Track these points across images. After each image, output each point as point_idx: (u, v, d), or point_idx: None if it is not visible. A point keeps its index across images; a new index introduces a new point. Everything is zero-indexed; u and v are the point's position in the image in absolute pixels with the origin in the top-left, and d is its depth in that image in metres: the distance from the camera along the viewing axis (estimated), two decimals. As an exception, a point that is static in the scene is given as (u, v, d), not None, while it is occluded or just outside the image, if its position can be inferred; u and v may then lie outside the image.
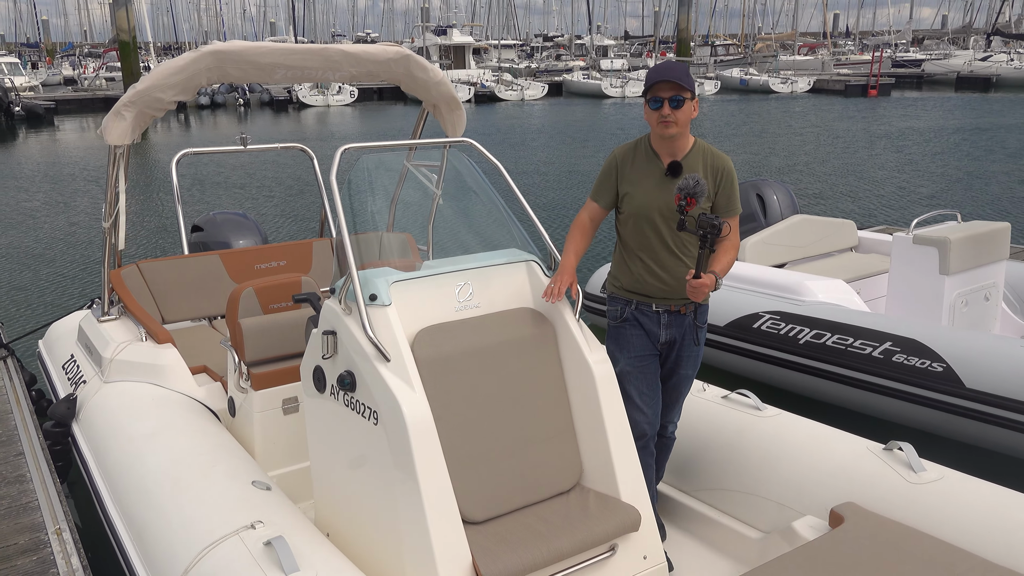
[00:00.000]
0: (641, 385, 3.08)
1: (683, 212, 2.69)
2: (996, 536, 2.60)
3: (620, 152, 3.08)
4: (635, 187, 2.99)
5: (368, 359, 2.52)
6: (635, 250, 3.03)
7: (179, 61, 3.57)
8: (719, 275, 2.82)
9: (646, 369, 3.07)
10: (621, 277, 3.11)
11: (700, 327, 3.10)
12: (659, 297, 3.03)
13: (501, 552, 2.46)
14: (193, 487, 2.83)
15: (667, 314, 3.04)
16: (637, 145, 3.06)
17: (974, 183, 14.27)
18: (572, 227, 3.14)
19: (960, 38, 63.82)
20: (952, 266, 4.98)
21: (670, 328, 3.05)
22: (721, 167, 2.99)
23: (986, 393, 4.10)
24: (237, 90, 36.92)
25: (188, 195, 14.05)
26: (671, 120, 2.88)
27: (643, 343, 3.07)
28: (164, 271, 4.51)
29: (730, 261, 2.92)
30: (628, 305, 3.08)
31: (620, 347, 3.10)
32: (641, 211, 2.97)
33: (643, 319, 3.06)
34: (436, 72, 4.21)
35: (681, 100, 2.87)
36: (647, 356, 3.07)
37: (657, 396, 3.11)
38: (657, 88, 2.88)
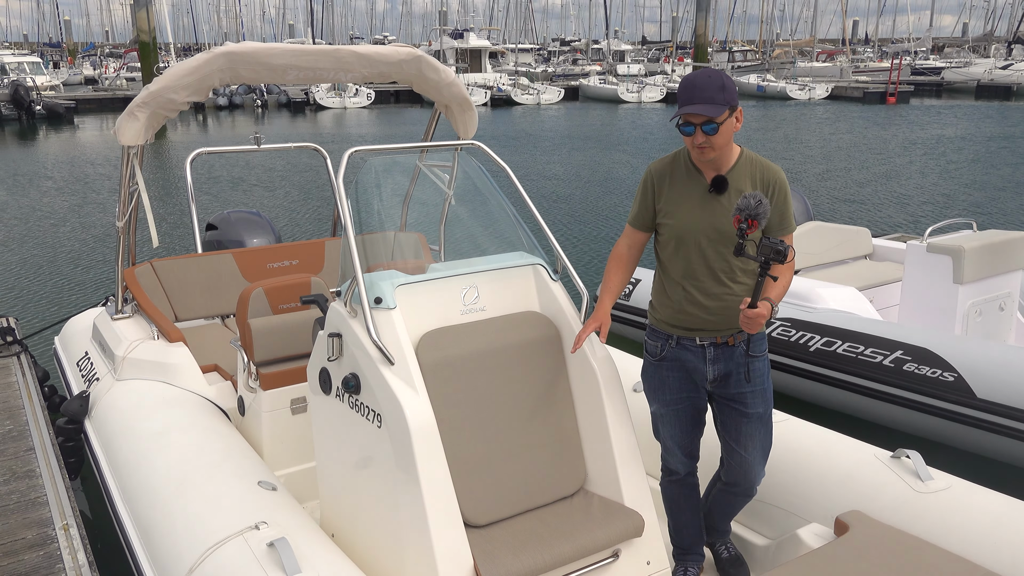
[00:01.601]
0: (674, 429, 2.86)
1: (743, 236, 2.40)
2: (1003, 547, 2.57)
3: (656, 168, 2.76)
4: (675, 207, 2.68)
5: (372, 362, 2.53)
6: (676, 277, 2.72)
7: (192, 62, 3.60)
8: (775, 302, 2.54)
9: (681, 413, 2.82)
10: (660, 308, 2.80)
11: (755, 357, 2.74)
12: (704, 329, 2.71)
13: (503, 556, 2.46)
14: (199, 486, 2.84)
15: (713, 347, 2.72)
16: (675, 159, 2.73)
17: (992, 192, 14.14)
18: (609, 260, 2.86)
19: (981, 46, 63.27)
20: (966, 275, 4.93)
21: (718, 363, 2.73)
22: (772, 180, 2.66)
23: (997, 403, 4.06)
24: (255, 91, 37.17)
25: (204, 194, 14.15)
26: (707, 146, 2.56)
27: (680, 385, 2.80)
28: (177, 269, 4.54)
29: (786, 285, 2.63)
30: (668, 340, 2.78)
31: (652, 390, 2.86)
32: (683, 234, 2.66)
33: (685, 356, 2.76)
34: (448, 73, 4.23)
35: (715, 127, 2.53)
36: (684, 399, 2.81)
37: (693, 436, 2.87)
38: (688, 115, 2.55)
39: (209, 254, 4.65)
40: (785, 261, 2.35)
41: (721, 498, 2.96)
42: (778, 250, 2.34)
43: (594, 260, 9.61)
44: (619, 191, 14.42)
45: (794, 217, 2.72)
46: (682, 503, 2.99)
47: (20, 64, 37.01)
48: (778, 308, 2.55)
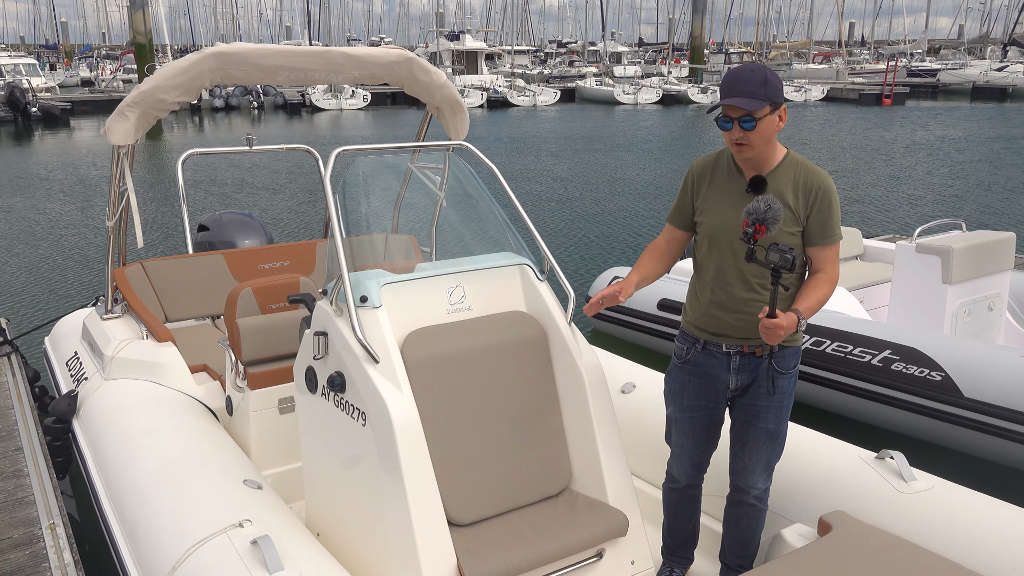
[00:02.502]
0: (685, 437, 2.81)
1: (750, 240, 2.32)
2: (984, 548, 2.58)
3: (698, 165, 2.70)
4: (712, 205, 2.61)
5: (357, 360, 2.54)
6: (708, 279, 2.64)
7: (182, 62, 3.61)
8: (803, 314, 2.41)
9: (696, 421, 2.77)
10: (691, 310, 2.73)
11: (782, 373, 2.63)
12: (730, 336, 2.63)
13: (486, 555, 2.46)
14: (185, 485, 2.84)
15: (739, 356, 2.64)
16: (719, 158, 2.66)
17: (984, 193, 14.18)
18: (645, 251, 2.80)
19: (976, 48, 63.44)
20: (955, 275, 4.95)
21: (741, 373, 2.66)
22: (817, 185, 2.52)
23: (984, 403, 4.07)
24: (251, 93, 37.17)
25: (197, 195, 14.15)
26: (745, 143, 2.47)
27: (701, 392, 2.73)
28: (168, 270, 4.55)
29: (821, 298, 2.49)
30: (695, 344, 2.71)
31: (672, 393, 2.81)
32: (716, 234, 2.59)
33: (709, 362, 2.69)
34: (439, 75, 4.24)
35: (753, 121, 2.43)
36: (702, 407, 2.75)
37: (704, 449, 2.82)
38: (726, 107, 2.46)
39: (200, 255, 4.65)
40: (793, 270, 2.25)
41: (727, 512, 2.93)
42: (786, 258, 2.25)
43: (582, 261, 9.63)
44: (612, 192, 14.44)
45: (840, 227, 2.61)
46: (678, 509, 2.98)
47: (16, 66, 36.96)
48: (805, 322, 2.43)
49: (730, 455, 2.85)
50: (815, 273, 2.58)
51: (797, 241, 2.57)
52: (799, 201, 2.55)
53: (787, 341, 2.64)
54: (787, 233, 2.54)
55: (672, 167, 17.73)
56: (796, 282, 2.62)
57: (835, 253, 2.58)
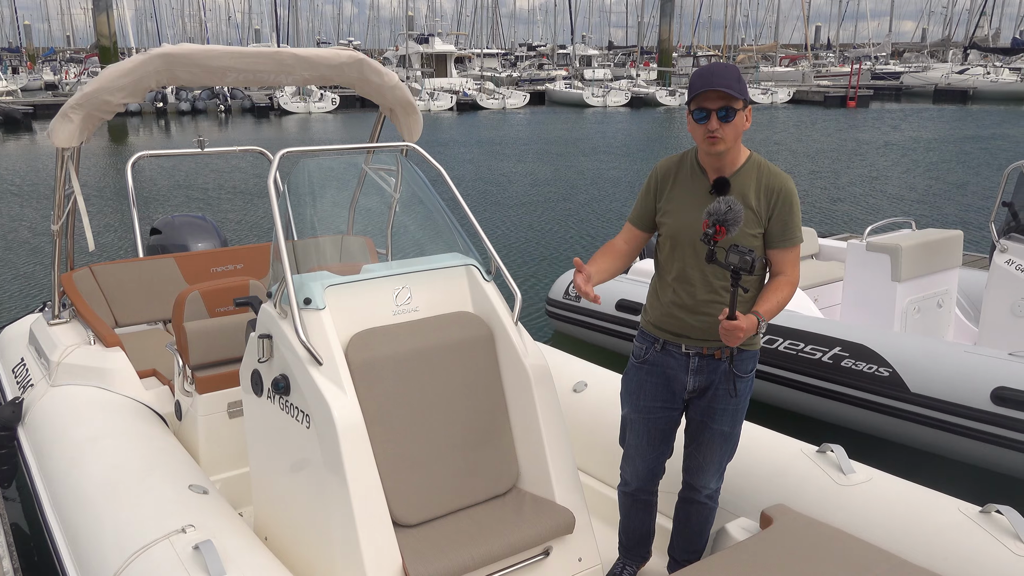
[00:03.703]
0: (639, 438, 2.79)
1: (710, 242, 2.32)
2: (917, 536, 2.64)
3: (662, 166, 2.69)
4: (675, 206, 2.60)
5: (301, 363, 2.53)
6: (670, 280, 2.64)
7: (127, 64, 3.56)
8: (763, 316, 2.41)
9: (651, 423, 2.75)
10: (651, 310, 2.73)
11: (740, 376, 2.64)
12: (689, 336, 2.63)
13: (432, 555, 2.46)
14: (129, 491, 2.81)
15: (698, 357, 2.63)
16: (683, 159, 2.66)
17: (940, 193, 14.46)
18: (600, 248, 2.77)
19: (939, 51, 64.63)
20: (904, 273, 5.04)
21: (700, 374, 2.65)
22: (779, 187, 2.52)
23: (929, 397, 4.16)
24: (218, 96, 36.84)
25: (151, 198, 14.00)
26: (718, 136, 2.46)
27: (658, 392, 2.72)
28: (118, 274, 4.49)
29: (781, 301, 2.49)
30: (654, 344, 2.70)
31: (629, 393, 2.79)
32: (679, 235, 2.58)
33: (667, 362, 2.68)
34: (391, 76, 4.23)
35: (731, 112, 2.44)
36: (658, 408, 2.73)
37: (659, 452, 2.81)
38: (703, 98, 2.44)
39: (151, 258, 4.60)
40: (753, 273, 2.25)
41: (678, 508, 2.95)
42: (745, 259, 2.24)
43: (550, 261, 9.66)
44: (579, 193, 14.51)
45: (801, 229, 2.59)
46: (631, 512, 2.98)
47: (-24, 69, 36.30)
48: (765, 325, 2.43)
49: (684, 454, 2.86)
50: (775, 275, 2.58)
51: (758, 243, 2.57)
52: (761, 203, 2.54)
53: (746, 344, 2.63)
54: (748, 235, 2.54)
55: (639, 169, 17.85)
56: (756, 284, 2.62)
57: (796, 256, 2.58)
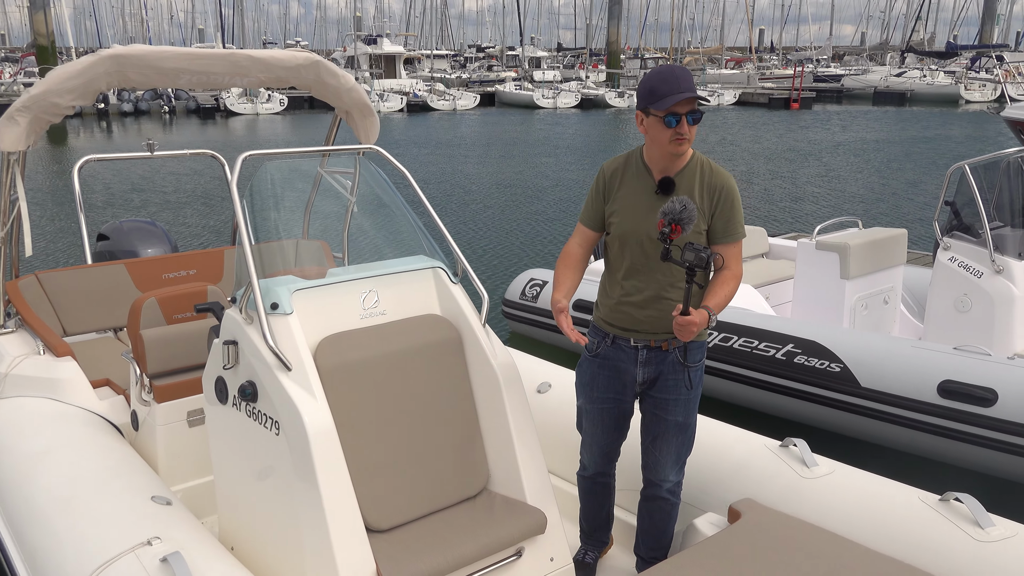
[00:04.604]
0: (594, 427, 2.91)
1: (666, 240, 2.40)
2: (880, 525, 2.73)
3: (608, 167, 2.78)
4: (623, 206, 2.69)
5: (269, 368, 2.50)
6: (619, 277, 2.73)
7: (76, 65, 3.48)
8: (713, 310, 2.51)
9: (605, 413, 2.86)
10: (601, 306, 2.82)
11: (689, 367, 2.72)
12: (638, 331, 2.72)
13: (405, 559, 2.45)
14: (87, 504, 2.74)
15: (646, 350, 2.73)
16: (628, 159, 2.75)
17: (884, 192, 14.91)
18: (559, 259, 2.82)
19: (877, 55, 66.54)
20: (852, 271, 5.19)
21: (648, 366, 2.74)
22: (720, 185, 2.63)
23: (879, 391, 4.29)
24: (162, 97, 36.05)
25: (98, 204, 13.65)
26: (687, 138, 2.56)
27: (610, 384, 2.82)
28: (65, 281, 4.37)
29: (728, 294, 2.59)
30: (605, 339, 2.80)
31: (583, 385, 2.90)
32: (627, 233, 2.67)
33: (618, 356, 2.78)
34: (347, 79, 4.20)
35: (699, 115, 2.57)
36: (610, 399, 2.84)
37: (612, 439, 2.92)
38: (676, 103, 2.52)
39: (100, 265, 4.49)
40: (708, 269, 2.34)
41: (641, 505, 3.00)
42: (701, 256, 2.33)
43: (506, 262, 9.69)
44: (529, 194, 14.57)
45: (743, 225, 2.71)
46: (590, 496, 3.08)
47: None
48: (716, 318, 2.53)
49: (641, 449, 2.92)
50: (721, 270, 2.68)
51: (703, 239, 2.67)
52: (704, 201, 2.65)
53: (695, 336, 2.70)
54: (695, 232, 2.63)
55: (589, 169, 18.00)
56: (703, 280, 2.72)
57: (738, 251, 2.69)
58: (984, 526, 2.62)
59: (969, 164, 4.98)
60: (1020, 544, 2.54)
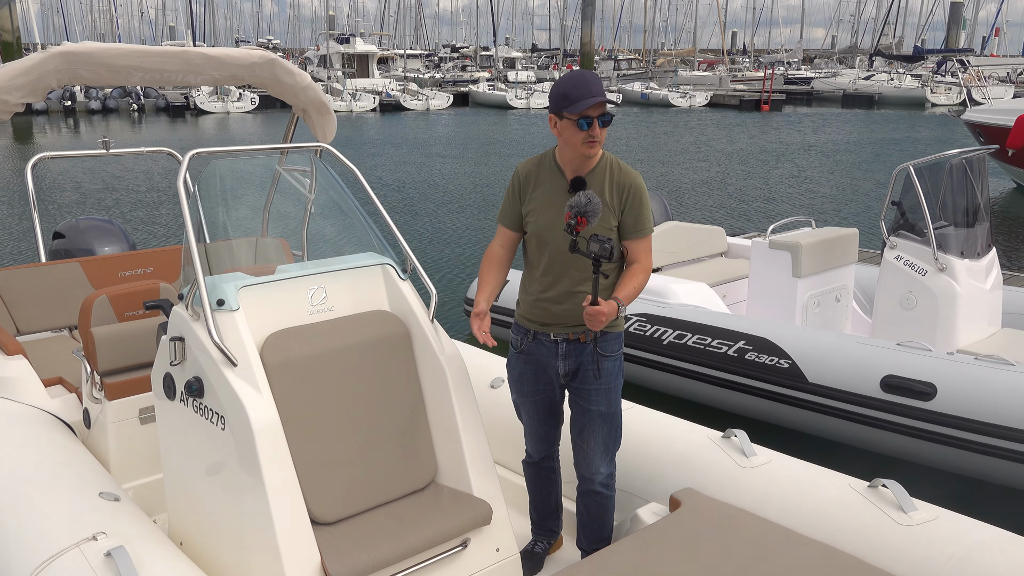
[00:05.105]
0: (531, 418, 3.03)
1: (572, 232, 2.53)
2: (812, 512, 2.82)
3: (523, 168, 2.89)
4: (538, 205, 2.81)
5: (215, 364, 2.52)
6: (538, 274, 2.84)
7: (26, 62, 3.47)
8: (622, 301, 2.63)
9: (538, 404, 2.98)
10: (522, 303, 2.92)
11: (606, 356, 2.83)
12: (556, 324, 2.83)
13: (350, 550, 2.48)
14: (35, 501, 2.74)
15: (566, 343, 2.84)
16: (542, 160, 2.87)
17: (844, 192, 15.16)
18: (483, 261, 2.93)
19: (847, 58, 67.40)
20: (804, 269, 5.30)
21: (568, 359, 2.85)
22: (628, 183, 2.77)
23: (825, 387, 4.39)
24: (131, 94, 35.63)
25: (55, 202, 13.50)
26: (598, 140, 2.70)
27: (537, 378, 2.94)
28: (18, 279, 4.35)
29: (637, 286, 2.72)
30: (526, 336, 2.91)
31: (513, 380, 3.02)
32: (543, 231, 2.79)
33: (540, 351, 2.89)
34: (303, 77, 4.22)
35: (610, 118, 2.69)
36: (539, 392, 2.96)
37: (549, 427, 3.03)
38: (589, 107, 2.65)
39: (54, 263, 4.47)
40: (613, 259, 2.46)
41: (578, 501, 3.07)
42: (605, 247, 2.46)
43: (463, 263, 9.73)
44: (498, 195, 14.62)
45: (652, 220, 2.84)
46: (537, 483, 3.16)
47: None
48: (625, 309, 2.65)
49: (572, 446, 3.00)
50: (631, 264, 2.81)
51: (614, 235, 2.80)
52: (614, 198, 2.78)
53: (609, 327, 2.85)
54: (605, 228, 2.76)
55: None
56: (615, 273, 2.84)
57: (648, 245, 2.83)
58: (907, 510, 2.72)
59: (914, 165, 5.11)
60: (939, 527, 2.65)
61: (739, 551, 2.46)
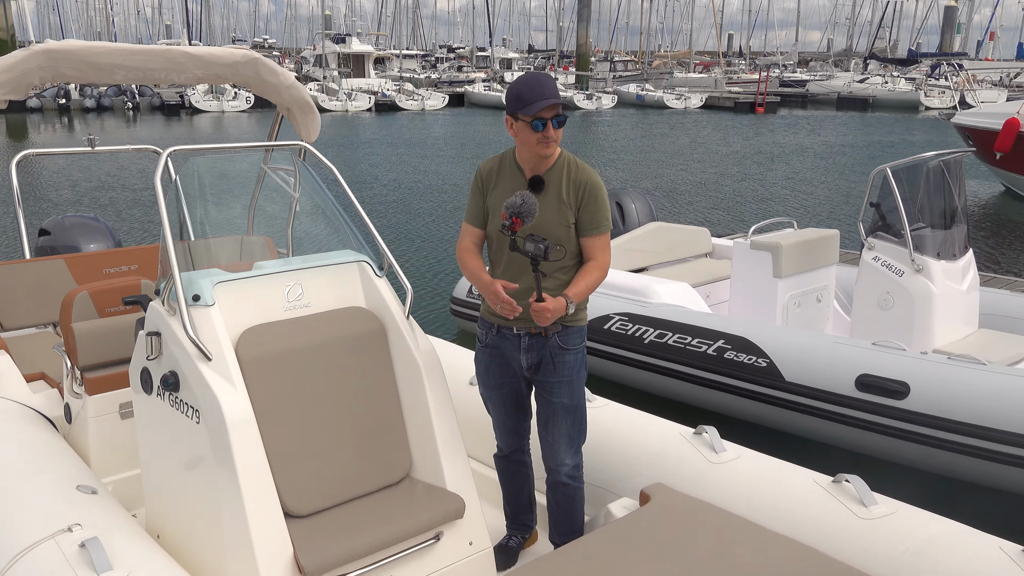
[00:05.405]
0: (498, 411, 3.09)
1: (508, 232, 2.59)
2: (778, 506, 2.88)
3: (485, 167, 2.95)
4: (499, 203, 2.86)
5: (190, 359, 2.56)
6: (499, 271, 2.92)
7: (8, 59, 3.50)
8: (571, 299, 2.69)
9: (504, 397, 3.04)
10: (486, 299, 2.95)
11: (568, 349, 2.89)
12: (519, 319, 2.89)
13: (322, 543, 2.52)
14: (12, 493, 2.77)
15: (528, 337, 2.89)
16: (503, 159, 2.93)
17: (835, 194, 15.24)
18: (462, 257, 2.96)
19: (842, 61, 67.56)
20: (784, 270, 5.35)
21: (531, 352, 2.91)
22: (584, 181, 2.81)
23: (802, 385, 4.44)
24: (125, 93, 35.59)
25: (42, 199, 13.52)
26: (553, 140, 2.76)
27: (502, 371, 3.00)
28: (3, 276, 4.38)
29: (590, 284, 2.78)
30: (491, 330, 2.98)
31: (480, 374, 3.08)
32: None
33: (504, 344, 2.95)
34: (287, 76, 4.25)
35: (564, 119, 2.76)
36: (505, 384, 3.02)
37: (517, 420, 3.08)
38: (542, 110, 2.71)
39: (39, 259, 4.50)
40: (547, 259, 2.54)
41: (548, 494, 3.12)
42: (539, 247, 2.54)
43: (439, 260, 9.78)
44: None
45: (609, 218, 2.89)
46: (508, 477, 3.21)
47: None
48: (573, 306, 2.70)
49: (539, 438, 3.05)
50: (587, 260, 2.86)
51: (571, 232, 2.84)
52: (571, 196, 2.83)
53: (571, 320, 2.90)
54: (562, 225, 2.81)
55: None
56: (573, 270, 2.88)
57: (605, 242, 2.87)
58: (867, 504, 2.78)
59: (891, 167, 5.16)
60: (897, 521, 2.71)
61: (705, 544, 2.51)
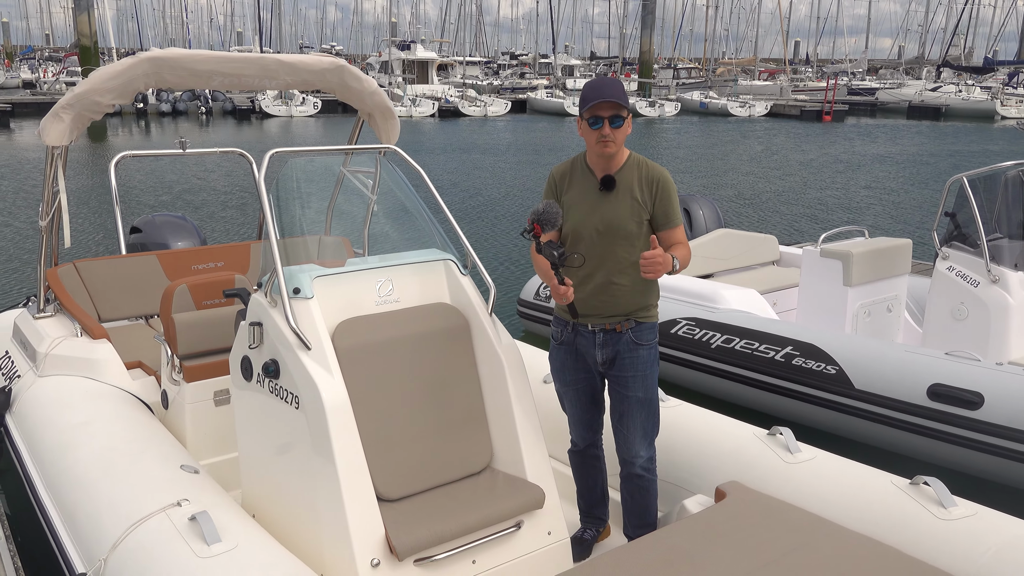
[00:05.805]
0: (574, 407, 3.19)
1: (529, 236, 2.72)
2: (855, 506, 2.91)
3: (558, 171, 3.08)
4: (573, 204, 2.98)
5: (291, 348, 2.70)
6: (574, 269, 3.00)
7: (117, 66, 3.73)
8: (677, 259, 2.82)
9: (580, 392, 3.14)
10: None
11: (641, 345, 3.00)
12: (594, 316, 3.00)
13: (412, 525, 2.63)
14: (123, 470, 2.96)
15: (603, 333, 3.00)
16: (574, 163, 3.06)
17: (901, 203, 14.89)
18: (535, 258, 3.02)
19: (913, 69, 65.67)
20: (855, 278, 5.32)
21: (606, 347, 3.01)
22: (656, 178, 2.94)
23: (872, 393, 4.42)
24: (199, 98, 36.70)
25: (133, 198, 14.08)
26: (610, 139, 2.86)
27: (578, 367, 3.10)
28: (101, 270, 4.62)
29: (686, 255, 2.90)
30: (566, 327, 3.08)
31: (555, 371, 3.18)
32: (578, 228, 2.96)
33: (579, 341, 3.06)
34: (370, 83, 4.42)
35: (621, 120, 2.86)
36: (580, 380, 3.12)
37: (592, 414, 3.19)
38: (597, 108, 2.84)
39: (133, 255, 4.73)
40: (563, 264, 2.71)
41: (622, 487, 3.20)
42: (553, 255, 2.70)
43: (519, 265, 9.89)
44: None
45: (680, 213, 3.01)
46: (583, 470, 3.31)
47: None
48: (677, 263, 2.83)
49: (613, 433, 3.14)
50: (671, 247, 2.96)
51: (642, 229, 2.96)
52: (644, 193, 2.96)
53: (643, 316, 3.02)
54: (635, 222, 2.94)
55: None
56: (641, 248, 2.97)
57: (681, 233, 3.01)
58: (947, 506, 2.80)
59: (967, 176, 5.09)
60: (978, 522, 2.72)
61: (782, 540, 2.54)
